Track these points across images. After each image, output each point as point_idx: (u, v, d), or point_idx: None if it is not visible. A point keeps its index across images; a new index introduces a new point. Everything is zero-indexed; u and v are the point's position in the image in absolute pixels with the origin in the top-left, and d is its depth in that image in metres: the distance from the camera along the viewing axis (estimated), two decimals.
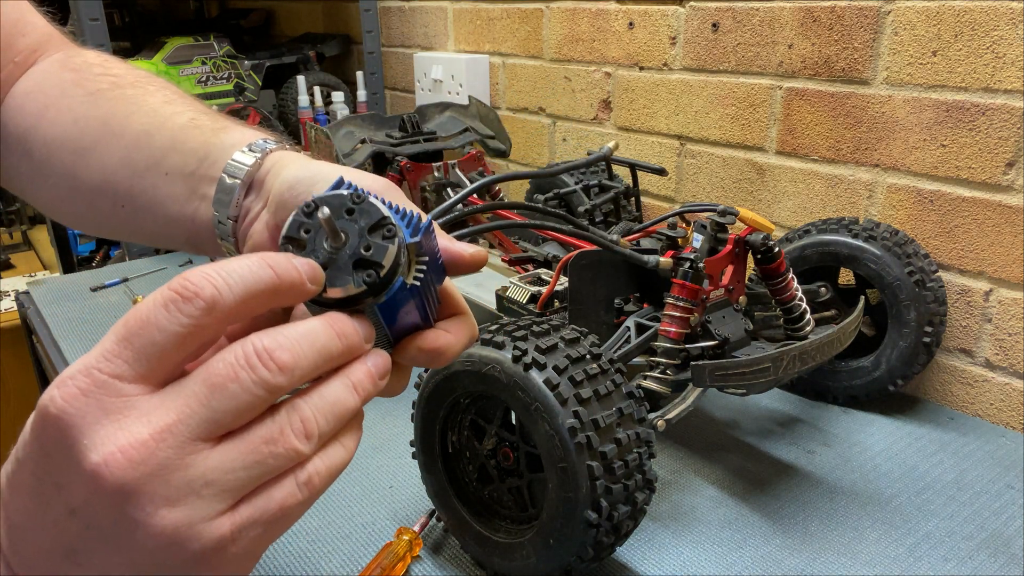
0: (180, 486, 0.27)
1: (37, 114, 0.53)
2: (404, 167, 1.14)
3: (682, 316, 0.69)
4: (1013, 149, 0.80)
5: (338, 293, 0.31)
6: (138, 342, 0.27)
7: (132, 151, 0.50)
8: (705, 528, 0.69)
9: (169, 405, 0.27)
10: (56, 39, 0.59)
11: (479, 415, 0.63)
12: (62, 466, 0.26)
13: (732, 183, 1.08)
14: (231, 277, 0.28)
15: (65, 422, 0.26)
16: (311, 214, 0.32)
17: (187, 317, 0.27)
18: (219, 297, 0.27)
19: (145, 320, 0.27)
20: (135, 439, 0.26)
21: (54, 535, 0.27)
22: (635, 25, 1.16)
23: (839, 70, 0.93)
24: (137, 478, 0.26)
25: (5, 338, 1.93)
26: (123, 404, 0.27)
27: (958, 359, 0.89)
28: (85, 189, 0.52)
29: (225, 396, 0.27)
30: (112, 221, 0.53)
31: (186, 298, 0.27)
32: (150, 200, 0.50)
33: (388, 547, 0.64)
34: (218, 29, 1.83)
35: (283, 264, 0.29)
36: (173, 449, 0.26)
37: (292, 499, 0.29)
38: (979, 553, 0.66)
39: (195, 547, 0.27)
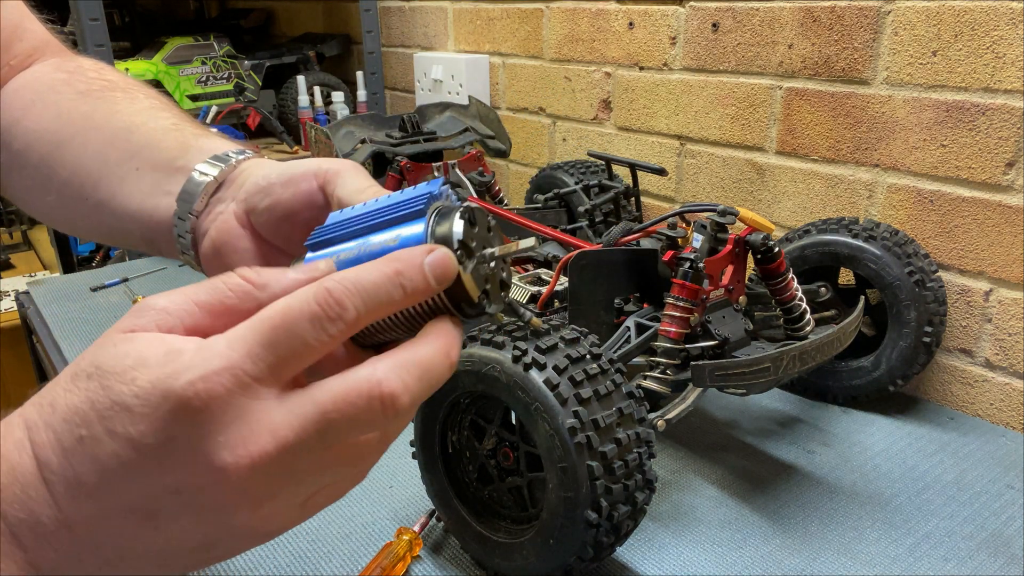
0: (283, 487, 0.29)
1: (23, 108, 0.53)
2: (404, 167, 1.14)
3: (682, 316, 0.69)
4: (1013, 149, 0.80)
5: (508, 248, 0.34)
6: (282, 350, 0.28)
7: (108, 146, 0.50)
8: (705, 528, 0.69)
9: (293, 422, 0.28)
10: (53, 45, 0.59)
11: (479, 415, 0.63)
12: (185, 454, 0.28)
13: (732, 183, 1.08)
14: (370, 298, 0.29)
15: (205, 417, 0.27)
16: (473, 222, 0.33)
17: (328, 336, 0.29)
18: (359, 320, 0.29)
19: (291, 330, 0.28)
20: (263, 450, 0.28)
21: (141, 501, 0.28)
22: (635, 25, 1.16)
23: (839, 70, 0.93)
24: (256, 481, 0.28)
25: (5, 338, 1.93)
26: (256, 407, 0.28)
27: (958, 359, 0.89)
28: (57, 180, 0.52)
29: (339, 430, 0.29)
30: (76, 215, 0.53)
31: (331, 318, 0.29)
32: (113, 193, 0.50)
33: (388, 547, 0.64)
34: (218, 29, 1.83)
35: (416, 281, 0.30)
36: (287, 465, 0.29)
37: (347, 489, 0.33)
38: (979, 553, 0.66)
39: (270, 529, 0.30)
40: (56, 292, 1.24)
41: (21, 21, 0.57)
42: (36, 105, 0.53)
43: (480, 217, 0.33)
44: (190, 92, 1.72)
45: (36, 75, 0.56)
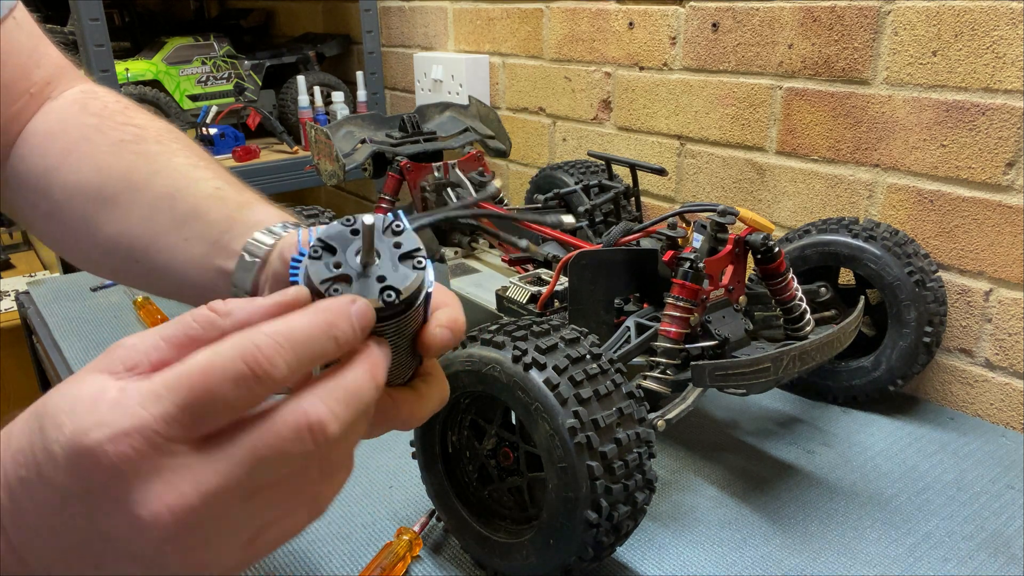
0: (217, 533, 0.29)
1: (59, 156, 0.53)
2: (404, 167, 1.14)
3: (682, 316, 0.69)
4: (1013, 149, 0.80)
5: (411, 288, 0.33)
6: (200, 411, 0.27)
7: (154, 211, 0.51)
8: (705, 528, 0.69)
9: (216, 467, 0.28)
10: (69, 71, 0.59)
11: (479, 415, 0.63)
12: (104, 507, 0.27)
13: (732, 183, 1.08)
14: (301, 353, 0.29)
15: (116, 474, 0.27)
16: (320, 254, 0.32)
17: (253, 396, 0.28)
18: (288, 377, 0.28)
19: (212, 392, 0.27)
20: (184, 502, 0.27)
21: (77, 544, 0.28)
22: (635, 25, 1.16)
23: (839, 70, 0.93)
24: (181, 533, 0.27)
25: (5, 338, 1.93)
26: (172, 464, 0.27)
27: (958, 359, 0.89)
28: (102, 238, 0.52)
29: (268, 467, 0.28)
30: (126, 273, 0.54)
31: (258, 377, 0.28)
32: (167, 261, 0.51)
33: (388, 547, 0.64)
34: (218, 29, 1.83)
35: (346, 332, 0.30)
36: (215, 511, 0.28)
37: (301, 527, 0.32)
38: (979, 553, 0.66)
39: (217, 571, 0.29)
40: (56, 292, 1.24)
41: (37, 46, 0.57)
42: (72, 156, 0.53)
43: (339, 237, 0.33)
44: (190, 92, 1.72)
45: (64, 116, 0.55)
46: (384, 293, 0.32)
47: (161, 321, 1.07)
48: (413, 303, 0.33)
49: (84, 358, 1.01)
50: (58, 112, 0.56)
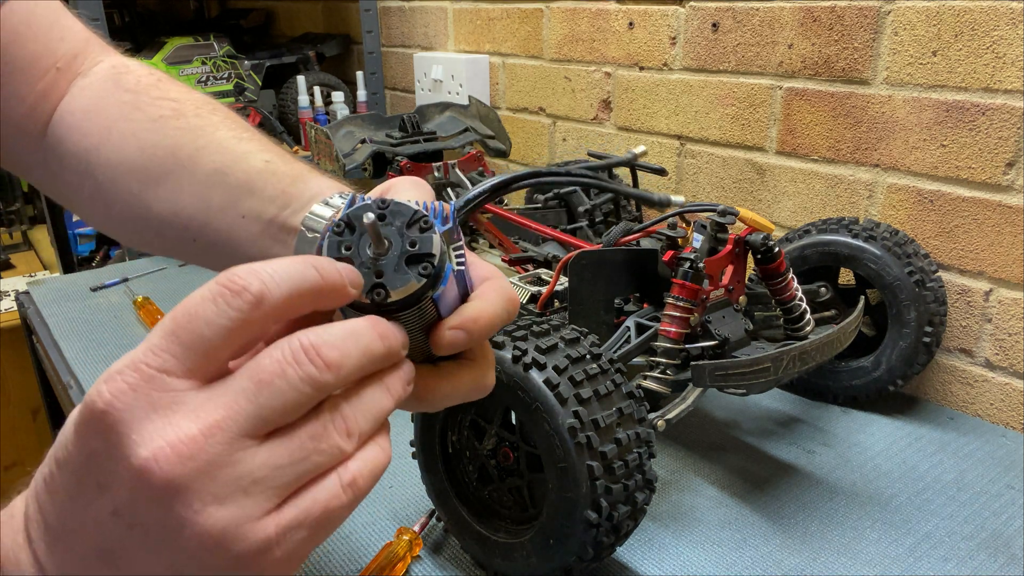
0: (228, 483, 0.26)
1: (99, 135, 0.53)
2: (404, 167, 1.14)
3: (682, 316, 0.69)
4: (1013, 149, 0.80)
5: (403, 293, 0.31)
6: (185, 336, 0.27)
7: (206, 188, 0.50)
8: (705, 528, 0.69)
9: (217, 401, 0.27)
10: (94, 43, 0.58)
11: (479, 415, 0.63)
12: (107, 462, 0.26)
13: (732, 183, 1.08)
14: (278, 274, 0.28)
15: (113, 416, 0.26)
16: (343, 232, 0.32)
17: (235, 311, 0.27)
18: (266, 292, 0.27)
19: (193, 314, 0.27)
20: (185, 434, 0.26)
21: (93, 536, 0.27)
22: (635, 25, 1.16)
23: (839, 70, 0.93)
24: (186, 474, 0.26)
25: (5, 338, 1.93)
26: (171, 399, 0.26)
27: (958, 359, 0.89)
28: (153, 219, 0.52)
29: (273, 392, 0.27)
30: (182, 250, 0.54)
31: (234, 292, 0.27)
32: (226, 238, 0.50)
33: (388, 547, 0.64)
34: (218, 29, 1.83)
35: (327, 267, 0.29)
36: (222, 445, 0.26)
37: (336, 500, 0.29)
38: (979, 553, 0.66)
39: (240, 548, 0.27)
40: (56, 292, 1.24)
41: (58, 19, 0.56)
42: (113, 134, 0.52)
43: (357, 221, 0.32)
44: None
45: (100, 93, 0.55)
46: (374, 291, 0.31)
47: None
48: (410, 305, 0.32)
49: (84, 358, 1.01)
50: (92, 89, 0.55)
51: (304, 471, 0.28)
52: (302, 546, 0.28)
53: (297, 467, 0.28)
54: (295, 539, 0.28)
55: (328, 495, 0.28)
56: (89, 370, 0.97)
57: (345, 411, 0.29)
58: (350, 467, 0.29)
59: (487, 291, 0.35)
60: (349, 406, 0.29)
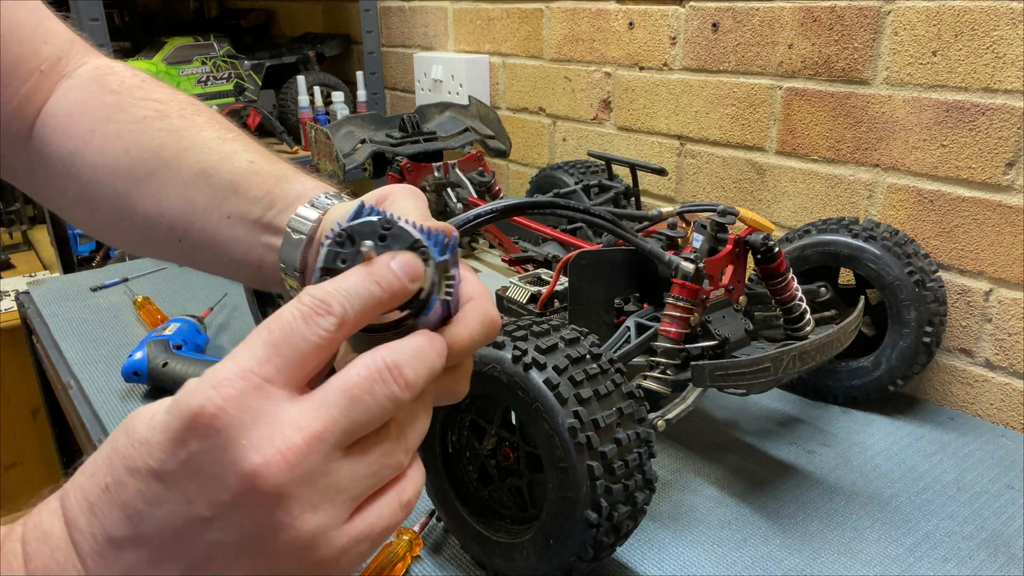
0: (322, 491, 0.28)
1: (83, 138, 0.53)
2: (404, 167, 1.14)
3: (682, 316, 0.69)
4: (1013, 149, 0.80)
5: (389, 318, 0.32)
6: (286, 350, 0.28)
7: (190, 189, 0.50)
8: (705, 528, 0.69)
9: (314, 413, 0.28)
10: (79, 45, 0.58)
11: (479, 415, 0.63)
12: (211, 468, 0.27)
13: (732, 183, 1.08)
14: (351, 295, 0.30)
15: (223, 421, 0.27)
16: (343, 243, 0.32)
17: (323, 330, 0.29)
18: (346, 315, 0.29)
19: (290, 330, 0.29)
20: (292, 443, 0.27)
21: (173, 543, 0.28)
22: (635, 25, 1.16)
23: (839, 70, 0.93)
24: (292, 480, 0.27)
25: (5, 338, 1.93)
26: (274, 408, 0.28)
27: (958, 359, 0.89)
28: (138, 220, 0.52)
29: (363, 409, 0.29)
30: (167, 251, 0.54)
31: (320, 313, 0.29)
32: (211, 239, 0.50)
33: (388, 547, 0.64)
34: (218, 29, 1.83)
35: (388, 278, 0.31)
36: (321, 455, 0.28)
37: (395, 518, 0.31)
38: (979, 553, 0.66)
39: (320, 554, 0.28)
40: (56, 292, 1.24)
41: (42, 21, 0.56)
42: (96, 136, 0.52)
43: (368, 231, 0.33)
44: (190, 92, 1.71)
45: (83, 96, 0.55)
46: None
47: (161, 321, 1.07)
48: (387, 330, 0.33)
49: (84, 358, 1.01)
50: (76, 91, 0.55)
51: (374, 484, 0.30)
52: (361, 558, 0.30)
53: (370, 480, 0.30)
54: (359, 551, 0.30)
55: (390, 512, 0.31)
56: (89, 370, 0.97)
57: (407, 430, 0.31)
58: (407, 488, 0.31)
59: (468, 315, 0.36)
60: (411, 425, 0.32)
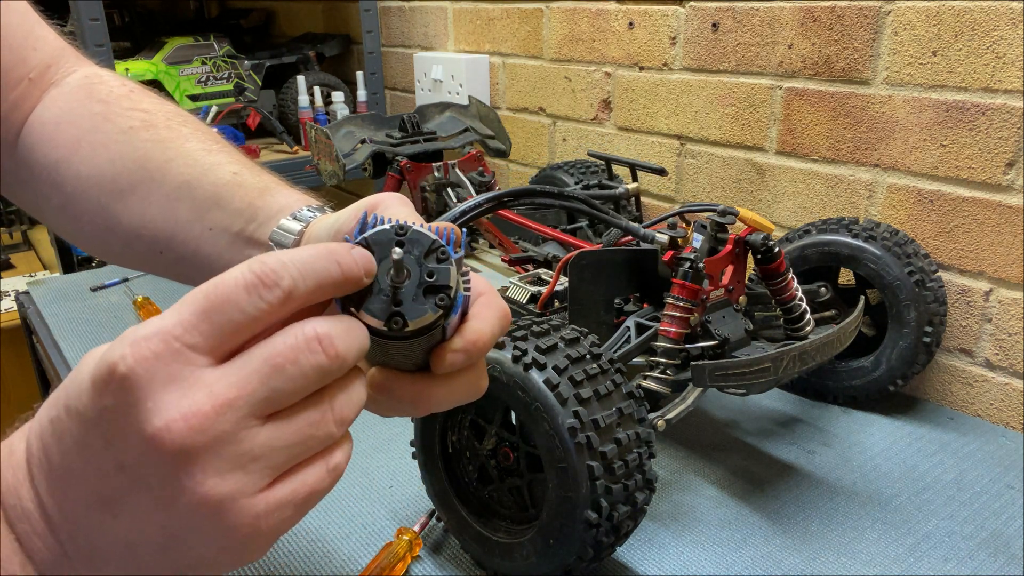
0: (231, 459, 0.28)
1: (69, 147, 0.53)
2: (404, 167, 1.14)
3: (682, 316, 0.69)
4: (1013, 149, 0.80)
5: (420, 323, 0.32)
6: (217, 318, 0.28)
7: (174, 201, 0.50)
8: (705, 528, 0.69)
9: (231, 380, 0.28)
10: (68, 53, 0.58)
11: (479, 415, 0.63)
12: (119, 423, 0.27)
13: (732, 183, 1.08)
14: (305, 269, 0.29)
15: (132, 382, 0.27)
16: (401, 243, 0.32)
17: (265, 303, 0.28)
18: (295, 288, 0.29)
19: (226, 298, 0.28)
20: (198, 408, 0.27)
21: (94, 484, 0.28)
22: (635, 25, 1.16)
23: (839, 70, 0.93)
24: (194, 446, 0.27)
25: (5, 338, 1.93)
26: (190, 373, 0.28)
27: (958, 359, 0.89)
28: (121, 231, 0.52)
29: (284, 377, 0.28)
30: (149, 263, 0.54)
31: (267, 285, 0.28)
32: (193, 252, 0.50)
33: (388, 547, 0.64)
34: (218, 29, 1.83)
35: (347, 260, 0.30)
36: (231, 423, 0.28)
37: (321, 483, 0.30)
38: (979, 553, 0.66)
39: (231, 520, 0.28)
40: (56, 292, 1.24)
41: (32, 28, 0.56)
42: (83, 146, 0.52)
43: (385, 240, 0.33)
44: (190, 92, 1.72)
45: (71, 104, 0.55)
46: (392, 319, 0.32)
47: None
48: (422, 333, 0.33)
49: None
50: (63, 99, 0.55)
51: (298, 454, 0.30)
52: (285, 523, 0.30)
53: (293, 450, 0.29)
54: (281, 516, 0.29)
55: (315, 479, 0.30)
56: None
57: (340, 401, 0.31)
58: (336, 454, 0.31)
59: (483, 310, 0.36)
60: (344, 396, 0.31)
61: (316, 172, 1.26)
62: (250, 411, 0.28)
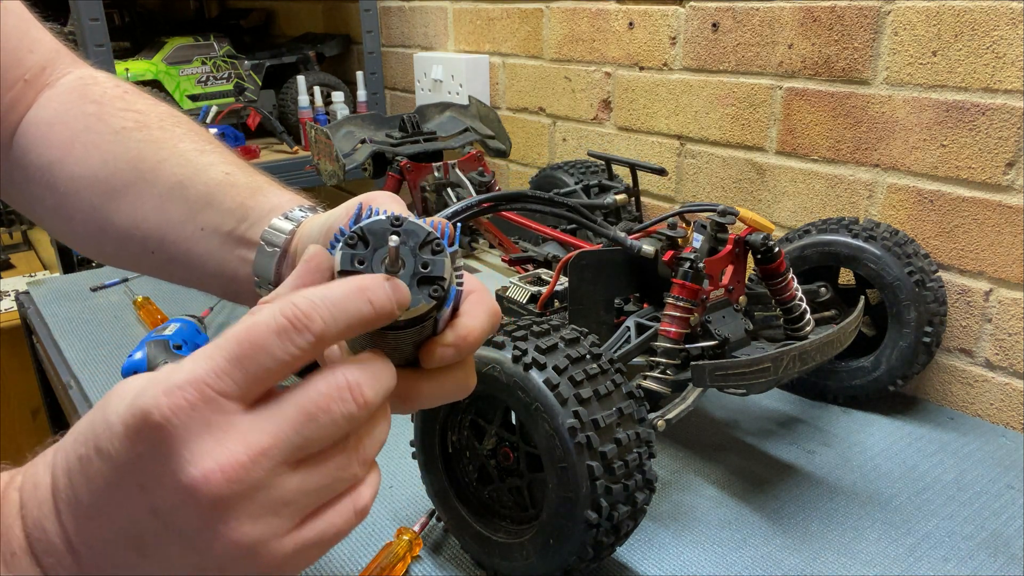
0: (264, 505, 0.28)
1: (63, 147, 0.53)
2: (404, 167, 1.14)
3: (682, 316, 0.69)
4: (1013, 149, 0.80)
5: (413, 313, 0.32)
6: (249, 365, 0.28)
7: (165, 201, 0.50)
8: (705, 528, 0.69)
9: (265, 428, 0.28)
10: (64, 55, 0.58)
11: (479, 415, 0.63)
12: (155, 469, 0.27)
13: (732, 183, 1.08)
14: (336, 311, 0.29)
15: (168, 432, 0.27)
16: (356, 244, 0.32)
17: (297, 348, 0.28)
18: (326, 332, 0.29)
19: (258, 345, 0.28)
20: (234, 459, 0.27)
21: (126, 525, 0.28)
22: (635, 25, 1.16)
23: (839, 70, 0.93)
24: (231, 495, 0.27)
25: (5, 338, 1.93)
26: (224, 421, 0.28)
27: (958, 359, 0.89)
28: (113, 231, 0.52)
29: (316, 425, 0.29)
30: (142, 263, 0.54)
31: (298, 329, 0.28)
32: (184, 252, 0.50)
33: (388, 547, 0.64)
34: (218, 29, 1.83)
35: (380, 298, 0.30)
36: (264, 471, 0.28)
37: (348, 525, 0.31)
38: (979, 553, 0.66)
39: (261, 561, 0.29)
40: (56, 292, 1.24)
41: (28, 30, 0.56)
42: (76, 146, 0.53)
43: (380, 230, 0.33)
44: (190, 92, 1.72)
45: (65, 105, 0.55)
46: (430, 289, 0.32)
47: (161, 321, 1.07)
48: (414, 324, 0.33)
49: (84, 358, 1.01)
50: (57, 101, 0.55)
51: (326, 496, 0.30)
52: (311, 560, 0.30)
53: (321, 493, 0.30)
54: (307, 556, 0.30)
55: (343, 520, 0.31)
56: (89, 370, 0.97)
57: (365, 443, 0.31)
58: (363, 493, 0.32)
59: (474, 307, 0.36)
60: (368, 438, 0.32)
61: (316, 172, 1.26)
62: (283, 459, 0.28)
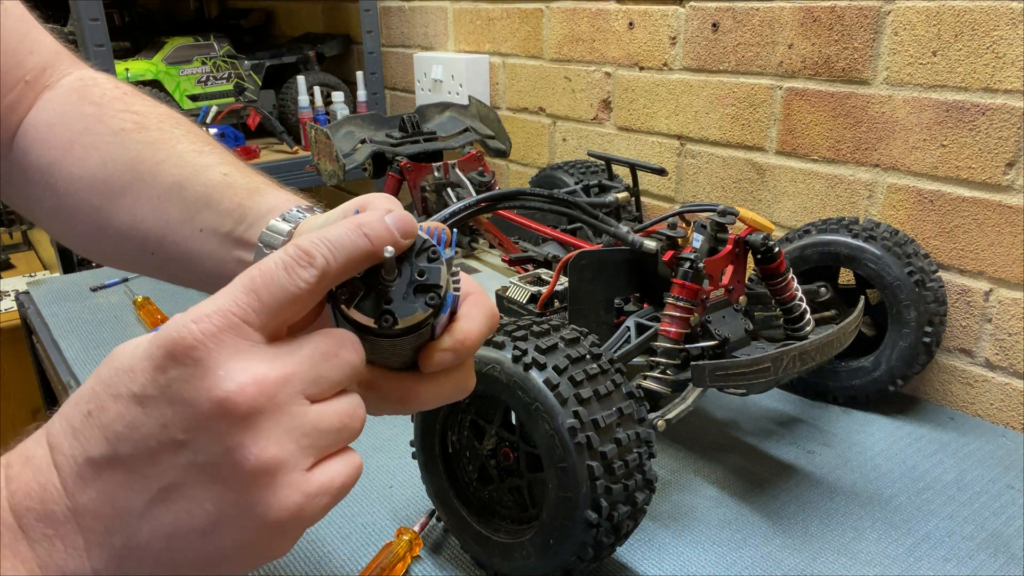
0: (288, 429, 0.30)
1: (62, 149, 0.53)
2: (404, 167, 1.14)
3: (682, 316, 0.69)
4: (1013, 149, 0.80)
5: (410, 321, 0.33)
6: (265, 295, 0.30)
7: (164, 202, 0.51)
8: (705, 528, 0.69)
9: (286, 359, 0.30)
10: (64, 57, 0.58)
11: (479, 415, 0.63)
12: (187, 392, 0.29)
13: (732, 183, 1.08)
14: (336, 247, 0.31)
15: (202, 352, 0.29)
16: None
17: (303, 281, 0.31)
18: (328, 266, 0.31)
19: (270, 278, 0.30)
20: (264, 376, 0.29)
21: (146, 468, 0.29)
22: (635, 25, 1.16)
23: (839, 70, 0.93)
24: (263, 410, 0.29)
25: (5, 338, 1.93)
26: (250, 348, 0.30)
27: (958, 359, 0.89)
28: (112, 232, 0.52)
29: (329, 365, 0.31)
30: (141, 264, 0.54)
31: (302, 264, 0.31)
32: (183, 253, 0.51)
33: (388, 547, 0.64)
34: (218, 29, 1.83)
35: (377, 230, 0.32)
36: (288, 396, 0.30)
37: (351, 476, 0.32)
38: (979, 553, 0.66)
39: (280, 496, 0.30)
40: (56, 292, 1.24)
41: (29, 31, 0.56)
42: (75, 148, 0.53)
43: None
44: (190, 92, 1.72)
45: (64, 107, 0.55)
46: (382, 317, 0.32)
47: (161, 321, 1.07)
48: (412, 332, 0.33)
49: (84, 358, 1.01)
50: (57, 102, 0.55)
51: (335, 442, 0.32)
52: (319, 512, 0.31)
53: (332, 436, 0.31)
54: (319, 504, 0.31)
55: (347, 470, 0.32)
56: (89, 370, 0.97)
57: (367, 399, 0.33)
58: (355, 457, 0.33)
59: (472, 310, 0.37)
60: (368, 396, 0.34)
61: (316, 172, 1.26)
62: (303, 388, 0.30)
